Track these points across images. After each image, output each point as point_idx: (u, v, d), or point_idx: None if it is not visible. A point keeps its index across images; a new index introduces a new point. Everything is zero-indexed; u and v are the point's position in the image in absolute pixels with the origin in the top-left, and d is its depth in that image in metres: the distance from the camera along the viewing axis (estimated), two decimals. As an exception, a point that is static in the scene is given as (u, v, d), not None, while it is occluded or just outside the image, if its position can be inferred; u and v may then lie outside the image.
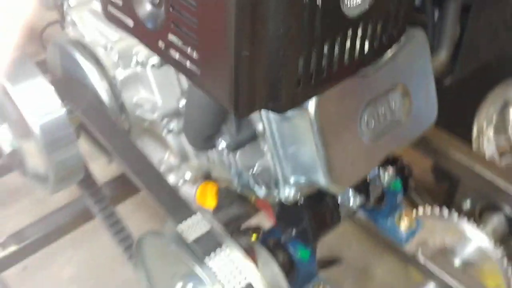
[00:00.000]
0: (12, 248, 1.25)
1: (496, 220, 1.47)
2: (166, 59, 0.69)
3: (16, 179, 1.79)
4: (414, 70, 0.91)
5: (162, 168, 1.15)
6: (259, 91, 0.62)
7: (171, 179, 1.15)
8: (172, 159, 1.16)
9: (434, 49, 0.96)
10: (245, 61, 0.58)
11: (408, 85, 0.90)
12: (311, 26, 0.59)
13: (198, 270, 0.89)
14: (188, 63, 0.66)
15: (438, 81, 1.01)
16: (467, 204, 1.55)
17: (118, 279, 1.97)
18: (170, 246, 0.95)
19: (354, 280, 1.95)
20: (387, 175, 1.10)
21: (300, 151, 0.86)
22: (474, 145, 1.71)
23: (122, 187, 1.38)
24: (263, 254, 1.04)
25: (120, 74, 1.09)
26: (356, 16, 0.63)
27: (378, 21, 0.67)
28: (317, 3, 0.58)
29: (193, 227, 0.93)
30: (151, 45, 0.70)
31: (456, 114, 1.60)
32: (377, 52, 0.71)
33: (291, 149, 0.87)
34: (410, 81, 0.90)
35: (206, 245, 0.91)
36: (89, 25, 1.15)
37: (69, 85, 1.12)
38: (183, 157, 1.15)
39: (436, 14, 0.99)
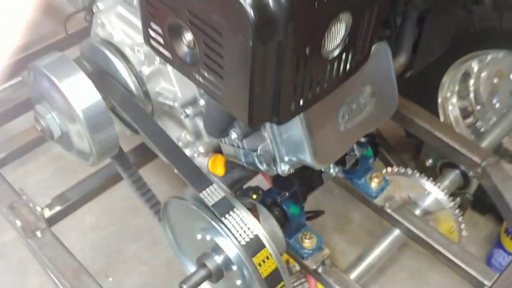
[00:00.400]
0: (57, 208, 1.51)
1: (452, 175, 1.74)
2: (196, 83, 0.95)
3: (33, 139, 2.01)
4: (379, 74, 1.17)
5: (180, 144, 1.41)
6: (266, 111, 0.88)
7: (188, 152, 1.41)
8: (188, 137, 1.41)
9: (395, 54, 1.22)
10: (256, 94, 0.85)
11: (374, 86, 1.17)
12: (301, 69, 0.85)
13: (218, 226, 1.17)
14: (213, 89, 0.91)
15: (400, 76, 1.27)
16: (429, 161, 1.83)
17: (132, 226, 2.27)
18: (193, 208, 1.21)
19: (336, 224, 2.25)
20: (359, 148, 1.37)
21: (292, 139, 1.13)
22: (440, 111, 1.97)
23: (142, 155, 1.64)
24: (263, 211, 1.31)
25: (145, 70, 1.33)
26: (333, 57, 0.89)
27: (349, 55, 0.92)
28: (306, 53, 0.84)
29: (212, 195, 1.18)
30: (185, 73, 0.95)
31: (421, 88, 1.86)
32: (350, 73, 0.97)
33: (285, 136, 1.14)
34: (376, 82, 1.16)
35: (222, 208, 1.17)
36: (116, 27, 1.38)
37: (103, 78, 1.36)
38: (197, 135, 1.40)
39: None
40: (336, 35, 0.87)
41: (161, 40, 0.95)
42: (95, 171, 1.61)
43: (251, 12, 0.75)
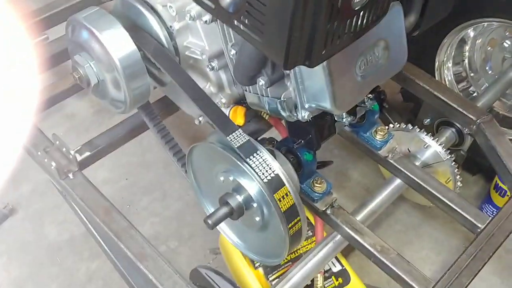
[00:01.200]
0: (87, 154, 1.62)
1: (449, 133, 1.85)
2: (236, 30, 1.06)
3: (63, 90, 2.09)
4: (392, 30, 1.30)
5: (204, 95, 1.52)
6: (300, 55, 1.01)
7: (211, 102, 1.53)
8: (212, 88, 1.52)
9: (406, 14, 1.34)
10: (294, 39, 0.97)
11: (388, 41, 1.30)
12: (334, 18, 0.98)
13: (243, 166, 1.28)
14: (253, 34, 1.03)
15: (408, 35, 1.40)
16: (427, 120, 1.93)
17: (143, 180, 2.38)
18: (220, 151, 1.32)
19: (335, 180, 2.35)
20: (369, 100, 1.50)
21: (314, 87, 1.26)
22: (436, 74, 2.10)
23: (163, 108, 1.75)
24: (281, 156, 1.42)
25: (176, 25, 1.44)
26: (359, 8, 1.02)
27: (372, 7, 1.05)
28: (339, 4, 0.96)
29: (237, 138, 1.29)
30: (227, 21, 1.07)
31: (422, 51, 1.98)
32: (371, 25, 1.09)
33: (307, 84, 1.27)
34: (390, 37, 1.29)
35: (247, 150, 1.27)
36: (148, -15, 1.48)
37: (137, 32, 1.46)
38: (220, 87, 1.52)
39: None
40: (364, -10, 1.00)
41: (205, -8, 1.07)
42: (117, 123, 1.72)
43: (297, -36, 0.87)
